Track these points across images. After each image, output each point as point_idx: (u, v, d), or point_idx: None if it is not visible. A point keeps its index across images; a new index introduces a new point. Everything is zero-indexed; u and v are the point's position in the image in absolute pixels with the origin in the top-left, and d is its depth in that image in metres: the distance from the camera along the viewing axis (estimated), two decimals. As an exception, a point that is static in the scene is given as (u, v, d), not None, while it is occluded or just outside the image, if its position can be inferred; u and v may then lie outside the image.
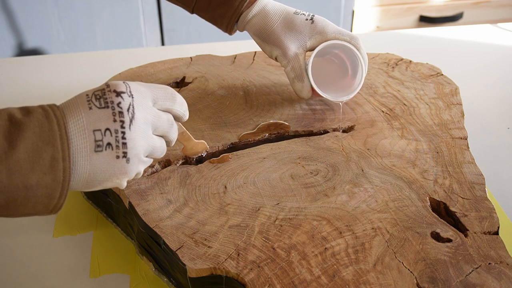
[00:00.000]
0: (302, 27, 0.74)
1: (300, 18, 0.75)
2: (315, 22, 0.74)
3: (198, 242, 0.56)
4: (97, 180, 0.50)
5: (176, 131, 0.57)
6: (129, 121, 0.50)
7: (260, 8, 0.75)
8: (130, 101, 0.51)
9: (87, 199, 0.73)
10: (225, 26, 0.77)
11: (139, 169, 0.53)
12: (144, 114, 0.52)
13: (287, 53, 0.74)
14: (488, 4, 2.03)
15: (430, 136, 0.72)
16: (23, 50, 1.73)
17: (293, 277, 0.52)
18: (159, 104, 0.54)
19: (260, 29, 0.75)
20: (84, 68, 1.07)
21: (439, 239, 0.56)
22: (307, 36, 0.74)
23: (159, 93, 0.55)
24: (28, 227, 0.69)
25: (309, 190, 0.63)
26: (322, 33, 0.74)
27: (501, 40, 1.16)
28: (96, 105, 0.50)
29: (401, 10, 2.00)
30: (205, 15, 0.78)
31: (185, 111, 0.57)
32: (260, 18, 0.75)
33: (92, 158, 0.49)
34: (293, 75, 0.75)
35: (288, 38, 0.74)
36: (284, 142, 0.72)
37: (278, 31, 0.74)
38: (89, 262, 0.64)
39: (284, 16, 0.75)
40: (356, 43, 0.74)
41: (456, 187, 0.63)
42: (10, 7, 1.66)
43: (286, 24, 0.74)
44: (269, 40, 0.75)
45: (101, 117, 0.49)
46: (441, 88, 0.84)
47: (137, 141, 0.51)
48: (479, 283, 0.51)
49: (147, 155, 0.54)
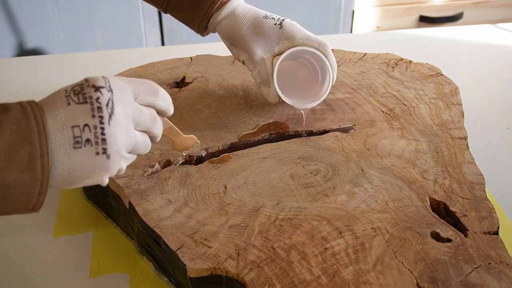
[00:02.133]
0: (270, 31, 0.73)
1: (269, 23, 0.74)
2: (283, 27, 0.73)
3: (198, 242, 0.56)
4: (77, 177, 0.49)
5: (160, 126, 0.56)
6: (108, 116, 0.49)
7: (229, 11, 0.74)
8: (110, 96, 0.50)
9: (87, 199, 0.73)
10: (196, 27, 0.76)
11: (121, 165, 0.51)
12: (125, 109, 0.51)
13: (253, 57, 0.73)
14: (488, 4, 2.03)
15: (430, 136, 0.72)
16: (23, 50, 1.73)
17: (293, 277, 0.52)
18: (140, 99, 0.53)
19: (229, 32, 0.75)
20: (84, 68, 1.07)
21: (439, 239, 0.56)
22: (275, 41, 0.73)
23: (140, 87, 0.53)
24: (28, 227, 0.69)
25: (309, 190, 0.63)
26: (290, 39, 0.73)
27: (501, 40, 1.16)
28: (74, 100, 0.49)
29: (401, 10, 2.00)
30: (178, 15, 0.77)
31: (168, 105, 0.56)
32: (229, 21, 0.74)
33: (71, 154, 0.48)
34: (260, 80, 0.74)
35: (255, 43, 0.73)
36: (284, 142, 0.72)
37: (245, 35, 0.74)
38: (89, 262, 0.64)
39: (253, 20, 0.74)
40: (324, 50, 0.73)
41: (456, 187, 0.63)
42: (10, 7, 1.66)
43: (254, 28, 0.74)
44: (236, 43, 0.74)
45: (79, 113, 0.48)
46: (441, 88, 0.84)
47: (117, 137, 0.50)
48: (479, 283, 0.51)
49: (129, 151, 0.53)
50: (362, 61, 0.92)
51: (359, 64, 0.91)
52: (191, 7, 0.75)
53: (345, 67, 0.90)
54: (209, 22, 0.75)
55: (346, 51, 0.95)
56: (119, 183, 0.64)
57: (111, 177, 0.64)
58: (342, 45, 1.02)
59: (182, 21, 0.77)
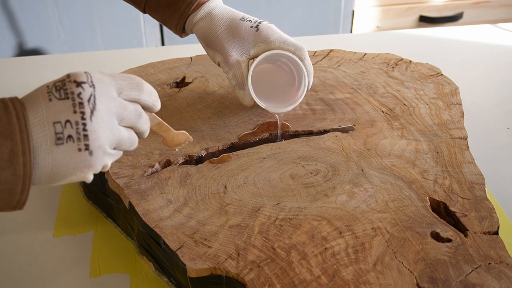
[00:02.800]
0: (246, 34, 0.72)
1: (245, 25, 0.73)
2: (260, 29, 0.72)
3: (198, 242, 0.56)
4: (61, 174, 0.49)
5: (146, 121, 0.55)
6: (90, 112, 0.48)
7: (206, 12, 0.73)
8: (92, 91, 0.49)
9: (87, 199, 0.73)
10: (174, 28, 0.75)
11: (105, 162, 0.51)
12: (107, 105, 0.50)
13: (228, 60, 0.72)
14: (488, 4, 2.03)
15: (430, 136, 0.72)
16: (23, 50, 1.73)
17: (293, 277, 0.52)
18: (124, 94, 0.52)
19: (205, 33, 0.73)
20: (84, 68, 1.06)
21: (439, 239, 0.56)
22: (251, 44, 0.72)
23: (124, 82, 0.52)
24: (28, 227, 0.69)
25: (309, 190, 0.63)
26: (266, 42, 0.72)
27: (501, 40, 1.16)
28: (56, 96, 0.48)
29: (401, 10, 2.00)
30: (156, 15, 0.76)
31: (154, 100, 0.55)
32: (205, 22, 0.73)
33: (53, 151, 0.47)
34: (234, 83, 0.73)
35: (231, 45, 0.72)
36: (284, 142, 0.72)
37: (221, 37, 0.73)
38: (89, 262, 0.64)
39: (229, 22, 0.73)
40: (300, 54, 0.72)
41: (456, 187, 0.63)
42: (10, 7, 1.66)
43: (231, 30, 0.73)
44: (212, 45, 0.73)
45: (61, 109, 0.48)
46: (441, 88, 0.84)
47: (99, 133, 0.49)
48: (479, 283, 0.51)
49: (114, 147, 0.52)
50: (362, 61, 0.92)
51: (359, 64, 0.91)
52: (168, 7, 0.74)
53: (345, 67, 0.90)
54: (186, 23, 0.74)
55: (346, 51, 0.95)
56: (119, 183, 0.64)
57: (111, 177, 0.64)
58: (342, 45, 1.02)
59: (160, 21, 0.77)
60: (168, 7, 0.74)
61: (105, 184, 0.67)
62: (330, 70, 0.89)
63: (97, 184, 0.68)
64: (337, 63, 0.91)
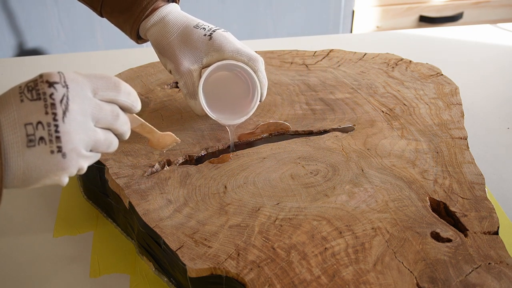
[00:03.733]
0: (199, 42, 0.70)
1: (198, 33, 0.70)
2: (213, 38, 0.70)
3: (198, 242, 0.56)
4: (33, 177, 0.47)
5: (124, 123, 0.53)
6: (62, 113, 0.47)
7: (159, 17, 0.71)
8: (64, 92, 0.48)
9: (87, 199, 0.73)
10: (129, 33, 0.73)
11: (80, 164, 0.49)
12: (82, 106, 0.48)
13: (179, 68, 0.70)
14: (488, 4, 2.03)
15: (430, 136, 0.72)
16: (23, 50, 1.73)
17: (293, 277, 0.52)
18: (100, 95, 0.51)
19: (157, 40, 0.71)
20: (84, 68, 1.07)
21: (439, 239, 0.56)
22: (204, 53, 0.70)
23: (99, 83, 0.51)
24: (28, 227, 0.69)
25: (309, 190, 0.63)
26: (218, 51, 0.69)
27: (501, 40, 1.16)
28: (28, 97, 0.47)
29: (401, 10, 2.00)
30: (112, 20, 0.74)
31: (133, 101, 0.53)
32: (158, 28, 0.71)
33: (25, 153, 0.46)
34: (186, 92, 0.71)
35: (182, 53, 0.70)
36: (284, 142, 0.72)
37: (173, 44, 0.70)
38: (89, 262, 0.64)
39: (182, 29, 0.70)
40: (253, 65, 0.70)
41: (456, 187, 0.63)
42: (10, 7, 1.66)
43: (183, 38, 0.70)
44: (164, 52, 0.71)
45: (32, 110, 0.46)
46: (441, 88, 0.84)
47: (72, 135, 0.47)
48: (479, 283, 0.51)
49: (90, 149, 0.50)
50: (362, 61, 0.92)
51: (359, 64, 0.91)
52: (123, 12, 0.71)
53: (345, 67, 0.90)
54: (140, 28, 0.72)
55: (346, 51, 0.95)
56: (119, 183, 0.64)
57: (111, 177, 0.64)
58: (342, 45, 1.02)
59: (116, 25, 0.74)
60: (123, 11, 0.72)
61: (105, 184, 0.67)
62: (330, 70, 0.89)
63: (97, 184, 0.68)
64: (337, 63, 0.91)
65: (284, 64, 0.91)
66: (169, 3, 0.72)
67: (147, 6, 0.70)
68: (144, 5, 0.70)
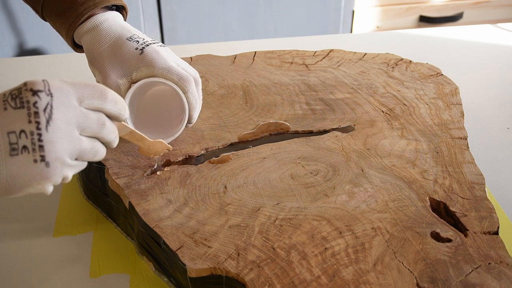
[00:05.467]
0: (130, 56, 0.66)
1: (130, 46, 0.66)
2: (144, 53, 0.66)
3: (198, 242, 0.56)
4: (17, 186, 0.47)
5: (111, 131, 0.53)
6: (45, 122, 0.47)
7: (93, 25, 0.68)
8: (48, 100, 0.47)
9: (87, 199, 0.73)
10: (65, 38, 0.70)
11: (64, 173, 0.49)
12: (66, 114, 0.48)
13: (106, 81, 0.66)
14: (488, 4, 2.03)
15: (430, 136, 0.72)
16: (23, 50, 1.73)
17: (293, 277, 0.52)
18: (86, 103, 0.50)
19: (88, 49, 0.68)
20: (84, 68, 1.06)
21: (439, 239, 0.56)
22: (133, 67, 0.66)
23: (85, 91, 0.50)
24: (28, 227, 0.69)
25: (309, 190, 0.63)
26: (149, 67, 0.65)
27: (501, 40, 1.16)
28: (11, 105, 0.46)
29: (401, 10, 2.00)
30: (52, 24, 0.71)
31: (120, 109, 0.53)
32: (90, 36, 0.68)
33: (8, 162, 0.46)
34: None
35: (111, 65, 0.66)
36: (284, 142, 0.72)
37: (103, 55, 0.67)
38: (89, 262, 0.64)
39: (114, 40, 0.67)
40: (183, 85, 0.65)
41: (456, 187, 0.63)
42: (10, 7, 1.66)
43: (114, 49, 0.67)
44: (94, 62, 0.68)
45: (15, 118, 0.46)
46: (441, 88, 0.84)
47: (56, 144, 0.47)
48: (479, 283, 0.51)
49: (75, 157, 0.50)
50: (362, 61, 0.92)
51: (359, 64, 0.91)
52: (59, 16, 0.69)
53: (345, 67, 0.90)
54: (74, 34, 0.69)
55: (346, 51, 0.95)
56: (119, 183, 0.64)
57: (111, 177, 0.64)
58: (342, 45, 1.02)
59: (56, 30, 0.72)
60: (59, 15, 0.69)
61: (105, 184, 0.67)
62: (330, 70, 0.89)
63: (97, 184, 0.68)
64: (337, 63, 0.91)
65: (284, 64, 0.91)
66: (108, 12, 0.69)
67: (83, 12, 0.67)
68: (80, 10, 0.67)
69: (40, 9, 0.71)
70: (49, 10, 0.70)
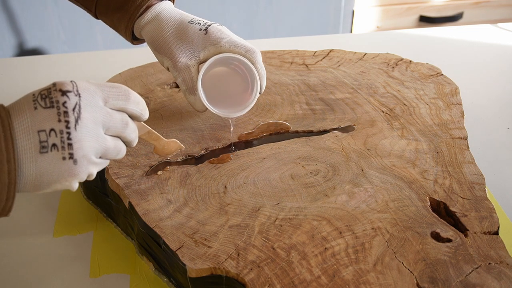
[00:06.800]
0: (195, 37, 0.70)
1: (194, 28, 0.70)
2: (209, 32, 0.69)
3: (198, 242, 0.56)
4: (45, 182, 0.49)
5: (133, 130, 0.55)
6: (74, 121, 0.48)
7: (154, 15, 0.71)
8: (77, 100, 0.49)
9: (87, 199, 0.73)
10: (123, 32, 0.73)
11: (89, 170, 0.51)
12: (93, 114, 0.50)
13: (177, 64, 0.69)
14: (488, 4, 2.03)
15: (430, 136, 0.72)
16: (23, 50, 1.73)
17: (293, 277, 0.52)
18: (111, 103, 0.52)
19: (153, 37, 0.71)
20: (84, 68, 1.07)
21: (439, 239, 0.56)
22: (200, 47, 0.69)
23: (110, 92, 0.52)
24: (28, 227, 0.69)
25: (309, 190, 0.63)
26: (215, 45, 0.69)
27: (501, 40, 1.16)
28: (41, 105, 0.48)
29: (401, 10, 2.00)
30: (107, 20, 0.74)
31: (142, 110, 0.55)
32: (153, 26, 0.71)
33: (37, 159, 0.47)
34: (185, 88, 0.71)
35: (179, 49, 0.70)
36: (284, 142, 0.72)
37: (169, 41, 0.70)
38: (89, 262, 0.64)
39: (177, 25, 0.70)
40: (251, 57, 0.69)
41: (456, 187, 0.63)
42: (10, 7, 1.66)
43: (179, 33, 0.70)
44: (160, 49, 0.71)
45: (46, 117, 0.48)
46: (441, 88, 0.84)
47: (84, 142, 0.49)
48: (479, 283, 0.51)
49: (100, 156, 0.52)
50: (362, 61, 0.92)
51: (359, 64, 0.91)
52: (117, 10, 0.71)
53: (345, 67, 0.90)
54: (134, 27, 0.72)
55: (346, 51, 0.95)
56: (119, 183, 0.64)
57: (111, 177, 0.64)
58: (342, 45, 1.02)
59: (111, 26, 0.74)
60: (117, 10, 0.71)
61: (105, 184, 0.67)
62: (330, 70, 0.89)
63: (97, 184, 0.68)
64: (337, 63, 0.91)
65: (284, 64, 0.91)
66: (163, 1, 0.72)
67: (141, 4, 0.70)
68: (138, 2, 0.70)
69: (93, 7, 0.73)
70: (104, 6, 0.72)
